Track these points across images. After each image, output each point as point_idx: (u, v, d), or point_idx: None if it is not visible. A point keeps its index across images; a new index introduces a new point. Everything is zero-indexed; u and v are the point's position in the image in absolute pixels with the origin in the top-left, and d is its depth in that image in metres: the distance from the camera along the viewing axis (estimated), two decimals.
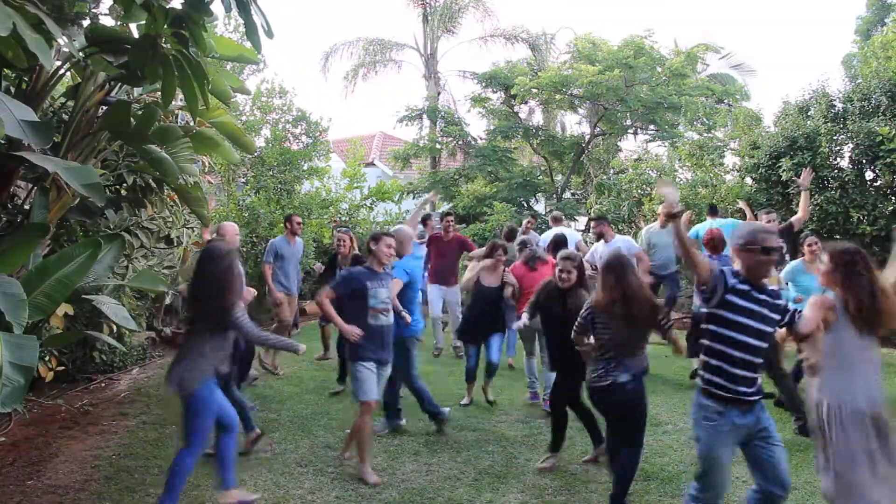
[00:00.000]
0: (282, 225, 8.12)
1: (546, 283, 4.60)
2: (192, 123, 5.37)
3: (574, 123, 18.96)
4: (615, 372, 3.49)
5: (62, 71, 4.53)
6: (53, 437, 4.80)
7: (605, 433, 3.86)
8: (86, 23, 4.28)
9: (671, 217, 3.01)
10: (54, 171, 3.69)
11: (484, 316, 5.73)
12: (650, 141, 14.22)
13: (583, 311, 3.72)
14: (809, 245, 5.39)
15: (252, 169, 11.29)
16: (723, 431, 2.78)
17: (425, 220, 8.24)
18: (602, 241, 7.01)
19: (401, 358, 4.64)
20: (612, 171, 13.37)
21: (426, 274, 7.72)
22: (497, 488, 3.93)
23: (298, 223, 7.00)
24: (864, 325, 2.82)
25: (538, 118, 17.20)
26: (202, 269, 3.58)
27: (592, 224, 6.64)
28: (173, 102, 4.76)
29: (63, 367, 5.86)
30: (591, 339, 3.68)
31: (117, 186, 5.60)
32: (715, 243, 5.69)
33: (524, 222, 8.68)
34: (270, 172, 11.08)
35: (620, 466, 3.56)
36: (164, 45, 3.87)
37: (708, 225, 6.86)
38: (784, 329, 2.95)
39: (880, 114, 8.06)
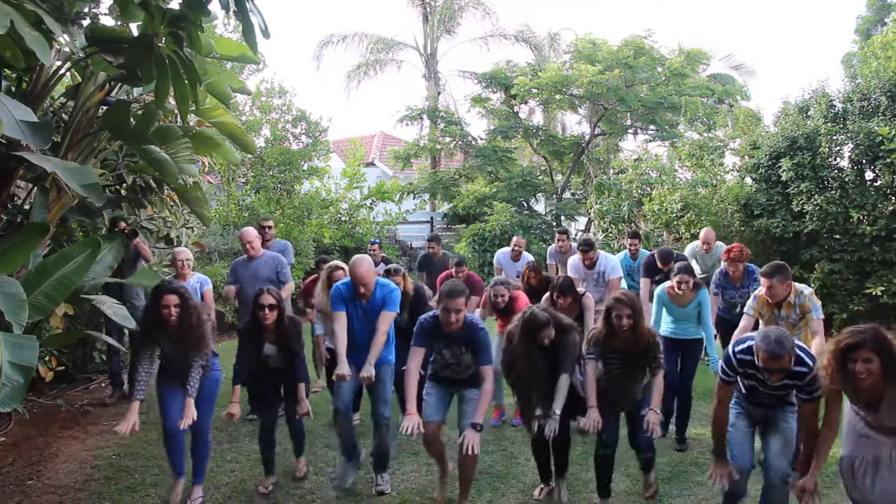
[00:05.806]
0: (282, 226, 7.66)
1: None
2: (181, 124, 5.34)
3: (574, 123, 18.94)
4: None
5: (62, 71, 4.53)
6: (53, 437, 4.80)
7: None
8: (86, 22, 4.28)
9: None
10: (54, 171, 3.70)
11: None
12: (650, 141, 14.22)
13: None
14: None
15: (252, 169, 11.30)
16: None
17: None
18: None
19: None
20: (612, 171, 13.37)
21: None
22: (497, 488, 3.92)
23: (269, 227, 5.84)
24: None
25: (538, 118, 17.21)
26: None
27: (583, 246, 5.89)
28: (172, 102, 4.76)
29: (63, 367, 5.86)
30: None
31: (117, 186, 5.60)
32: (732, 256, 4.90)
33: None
34: (270, 172, 11.09)
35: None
36: (160, 45, 3.86)
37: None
38: None
39: (880, 114, 8.05)
